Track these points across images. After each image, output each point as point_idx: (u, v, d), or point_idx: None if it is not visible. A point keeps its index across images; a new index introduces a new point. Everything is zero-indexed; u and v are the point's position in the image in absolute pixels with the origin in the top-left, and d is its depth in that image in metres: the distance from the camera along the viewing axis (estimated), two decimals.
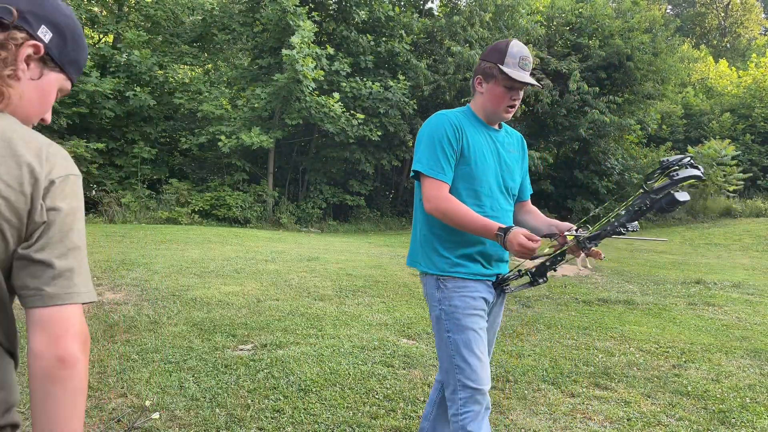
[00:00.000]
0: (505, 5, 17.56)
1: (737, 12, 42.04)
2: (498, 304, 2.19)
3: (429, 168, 1.94)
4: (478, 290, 2.00)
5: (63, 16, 1.07)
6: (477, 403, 1.93)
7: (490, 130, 2.09)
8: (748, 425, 3.01)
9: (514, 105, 2.01)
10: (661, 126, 24.91)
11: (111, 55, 14.82)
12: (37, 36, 1.02)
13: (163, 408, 2.88)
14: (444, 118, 2.01)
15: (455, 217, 1.90)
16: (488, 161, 2.03)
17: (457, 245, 2.00)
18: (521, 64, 1.96)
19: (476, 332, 1.96)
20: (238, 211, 15.04)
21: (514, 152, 2.15)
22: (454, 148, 1.96)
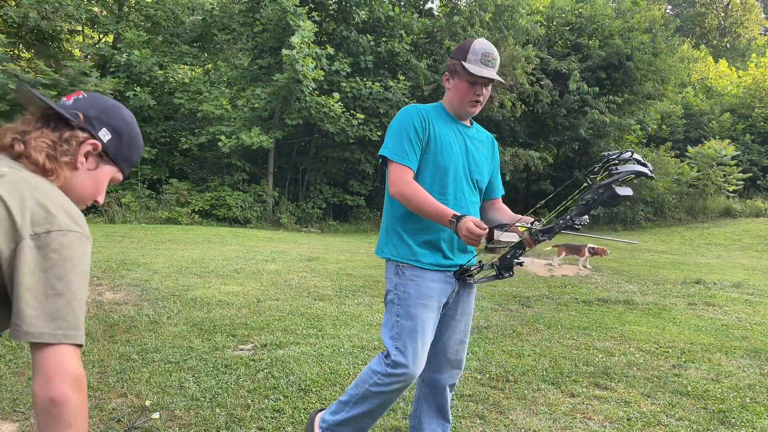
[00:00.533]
0: (505, 5, 17.56)
1: (737, 12, 42.05)
2: (465, 293, 2.23)
3: (394, 153, 2.02)
4: (434, 280, 2.06)
5: (124, 123, 1.34)
6: (397, 382, 2.00)
7: (459, 125, 2.16)
8: (748, 425, 3.02)
9: (478, 100, 2.07)
10: (661, 126, 24.92)
11: (111, 55, 14.83)
12: (97, 136, 1.29)
13: (163, 408, 2.88)
14: (413, 109, 2.09)
15: (415, 201, 1.96)
16: (454, 151, 2.09)
17: (420, 232, 2.07)
18: (483, 61, 2.01)
19: (424, 322, 2.02)
20: (238, 211, 15.04)
21: (483, 148, 2.21)
22: (420, 136, 2.03)
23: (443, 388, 2.24)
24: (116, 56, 14.76)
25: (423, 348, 2.03)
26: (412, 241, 2.08)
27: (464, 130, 2.17)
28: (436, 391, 2.24)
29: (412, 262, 2.06)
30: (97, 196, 1.35)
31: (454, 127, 2.14)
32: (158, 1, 16.91)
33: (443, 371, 2.22)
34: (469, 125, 2.22)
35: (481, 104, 2.10)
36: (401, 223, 2.11)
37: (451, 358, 2.22)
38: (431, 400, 2.26)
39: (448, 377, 2.23)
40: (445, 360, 2.21)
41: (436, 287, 2.07)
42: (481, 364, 3.83)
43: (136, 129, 1.37)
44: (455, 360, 2.23)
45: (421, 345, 2.02)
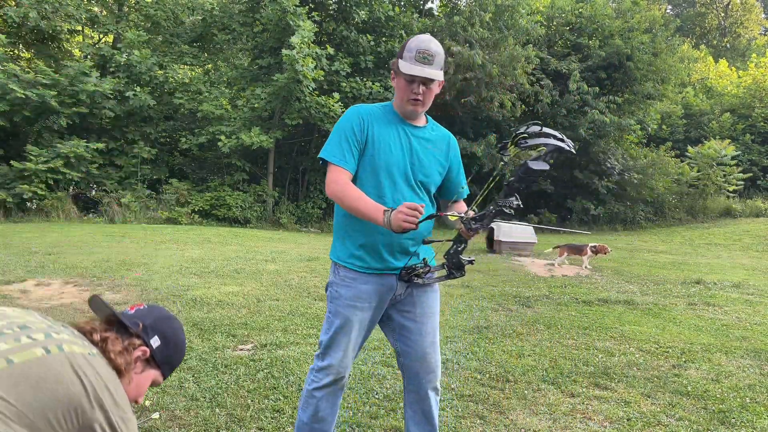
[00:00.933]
0: (505, 5, 17.55)
1: (737, 12, 42.04)
2: (421, 294, 2.19)
3: (331, 155, 2.04)
4: (368, 283, 2.08)
5: (172, 331, 1.54)
6: (327, 376, 2.13)
7: (407, 125, 2.12)
8: (748, 425, 3.01)
9: (417, 98, 2.01)
10: (661, 126, 24.91)
11: (111, 55, 14.83)
12: (149, 343, 1.47)
13: (163, 408, 2.88)
14: (353, 111, 2.10)
15: (348, 201, 1.97)
16: (393, 152, 2.06)
17: (357, 234, 2.08)
18: (418, 58, 1.96)
19: (352, 323, 2.10)
20: (238, 211, 15.04)
21: (432, 149, 2.15)
22: (357, 137, 2.04)
23: (425, 393, 2.24)
24: (116, 56, 14.76)
25: (350, 345, 2.12)
26: (351, 244, 2.10)
27: (411, 129, 2.11)
28: (418, 397, 2.24)
29: (347, 264, 2.10)
30: (138, 398, 1.50)
31: (399, 127, 2.10)
32: (158, 1, 16.90)
33: (420, 377, 2.21)
34: (421, 125, 2.15)
35: (423, 102, 2.03)
36: (342, 224, 2.14)
37: (425, 362, 2.21)
38: (416, 407, 2.27)
39: (427, 381, 2.23)
40: (419, 365, 2.20)
41: (369, 289, 2.09)
42: (481, 364, 3.83)
43: (181, 336, 1.56)
44: (429, 363, 2.22)
45: (347, 342, 2.11)
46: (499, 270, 8.54)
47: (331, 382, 2.14)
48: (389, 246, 2.07)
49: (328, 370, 2.12)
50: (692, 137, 25.45)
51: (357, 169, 2.06)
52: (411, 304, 2.18)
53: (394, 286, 2.13)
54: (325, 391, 2.15)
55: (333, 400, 2.19)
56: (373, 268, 2.09)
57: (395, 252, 2.09)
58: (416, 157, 2.10)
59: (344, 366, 2.14)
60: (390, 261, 2.09)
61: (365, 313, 2.12)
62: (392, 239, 2.05)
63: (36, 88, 12.72)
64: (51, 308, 4.71)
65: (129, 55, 14.72)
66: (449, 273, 2.06)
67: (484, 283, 7.25)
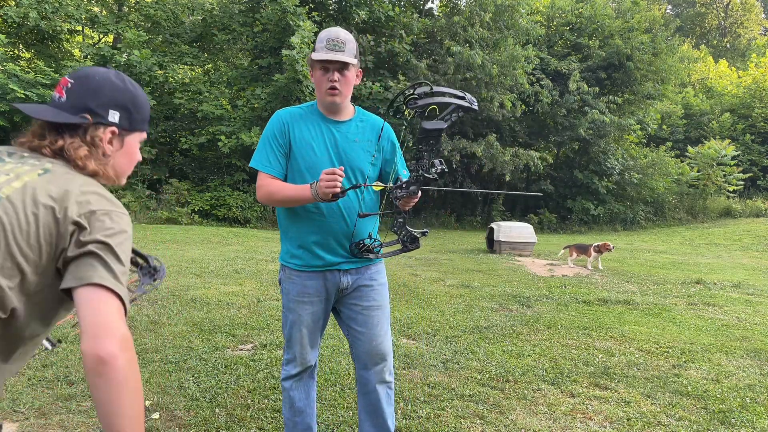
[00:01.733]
0: (505, 5, 17.55)
1: (737, 12, 42.04)
2: (365, 287, 2.22)
3: (258, 162, 2.14)
4: (311, 278, 2.16)
5: (121, 94, 1.32)
6: (294, 367, 2.24)
7: (330, 122, 2.13)
8: (748, 425, 3.01)
9: (334, 86, 2.03)
10: (661, 126, 24.91)
11: (111, 55, 14.82)
12: (109, 122, 1.30)
13: (163, 408, 2.88)
14: (275, 117, 2.16)
15: (276, 196, 2.07)
16: (317, 154, 2.09)
17: (295, 236, 2.16)
18: (329, 46, 2.01)
19: (301, 316, 2.18)
20: (238, 211, 15.04)
21: (360, 141, 2.14)
22: (280, 142, 2.11)
23: (373, 386, 2.26)
24: (116, 56, 14.75)
25: (306, 337, 2.21)
26: (290, 244, 2.19)
27: (334, 126, 2.12)
28: (366, 390, 2.28)
29: (289, 263, 2.20)
30: (134, 163, 1.41)
31: (322, 126, 2.11)
32: (158, 1, 16.90)
33: (368, 368, 2.25)
34: (345, 118, 2.15)
35: (340, 91, 2.04)
36: (281, 227, 2.24)
37: (372, 354, 2.24)
38: (365, 399, 2.30)
39: (375, 373, 2.25)
40: (366, 357, 2.24)
41: (314, 284, 2.17)
42: (481, 364, 3.83)
43: (132, 90, 1.34)
44: (377, 354, 2.24)
45: (302, 335, 2.20)
46: (499, 270, 8.54)
47: (297, 373, 2.25)
48: (324, 245, 2.13)
49: (294, 362, 2.24)
50: (692, 137, 25.46)
51: (287, 172, 2.13)
52: (357, 298, 2.23)
53: (338, 281, 2.18)
54: (293, 381, 2.26)
55: (305, 390, 2.29)
56: (312, 266, 2.15)
57: (331, 249, 2.14)
58: (343, 153, 2.11)
59: (305, 356, 2.23)
60: (327, 258, 2.14)
61: (314, 307, 2.19)
62: (326, 238, 2.11)
63: (36, 88, 12.72)
64: None
65: (129, 55, 14.72)
66: (404, 246, 2.09)
67: (484, 283, 7.25)
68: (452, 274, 7.94)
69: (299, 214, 2.11)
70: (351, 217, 2.10)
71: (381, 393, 2.26)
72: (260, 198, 2.11)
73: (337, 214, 2.08)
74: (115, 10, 17.25)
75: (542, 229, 18.52)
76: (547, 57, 19.54)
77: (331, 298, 2.22)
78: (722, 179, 21.05)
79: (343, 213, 2.09)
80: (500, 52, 17.32)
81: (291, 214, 2.14)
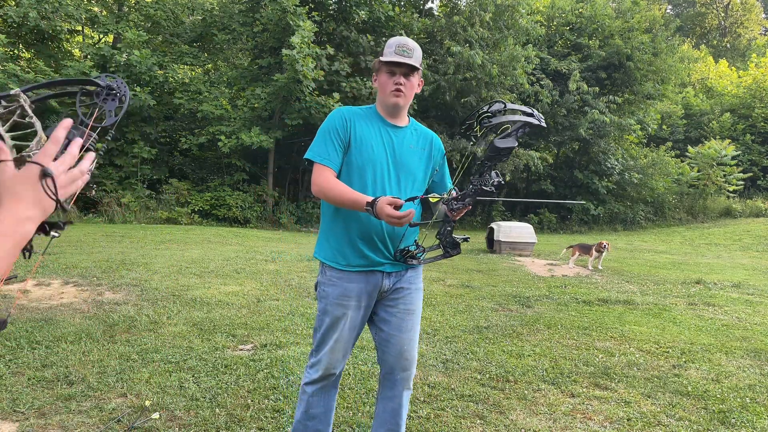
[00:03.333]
0: (505, 5, 17.55)
1: (737, 12, 42.04)
2: (406, 292, 2.22)
3: (316, 154, 2.11)
4: (353, 281, 2.13)
5: None
6: (317, 372, 2.19)
7: (388, 126, 2.18)
8: (748, 425, 3.01)
9: (399, 89, 2.10)
10: (661, 126, 24.93)
11: (111, 55, 14.82)
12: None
13: (163, 408, 2.88)
14: (336, 112, 2.17)
15: (331, 194, 2.04)
16: (376, 152, 2.12)
17: (344, 233, 2.13)
18: (398, 51, 2.08)
19: (339, 320, 2.14)
20: (238, 211, 15.04)
21: (414, 148, 2.20)
22: (341, 137, 2.11)
23: (399, 390, 2.28)
24: (116, 56, 14.75)
25: (340, 343, 2.16)
26: (334, 242, 2.16)
27: (393, 131, 2.17)
28: (391, 393, 2.28)
29: (332, 263, 2.15)
30: None
31: (382, 129, 2.16)
32: (158, 1, 16.90)
33: (395, 372, 2.26)
34: (402, 125, 2.21)
35: (404, 94, 2.11)
36: (326, 224, 2.21)
37: (401, 358, 2.26)
38: (387, 403, 2.30)
39: (401, 378, 2.27)
40: (394, 360, 2.25)
41: (355, 287, 2.13)
42: (481, 364, 3.83)
43: None
44: (405, 359, 2.27)
45: (336, 340, 2.15)
46: (499, 270, 8.54)
47: (321, 378, 2.20)
48: (369, 242, 2.11)
49: (318, 365, 2.19)
50: (692, 137, 25.46)
51: (342, 167, 2.12)
52: (394, 300, 2.22)
53: (380, 283, 2.17)
54: (315, 387, 2.21)
55: (325, 398, 2.24)
56: (355, 266, 2.13)
57: (376, 248, 2.13)
58: (398, 156, 2.15)
59: (334, 362, 2.19)
60: (372, 257, 2.12)
61: (353, 311, 2.15)
62: (372, 236, 2.10)
63: None
64: (51, 308, 4.71)
65: (129, 55, 14.71)
66: (445, 252, 2.09)
67: (484, 283, 7.25)
68: (452, 274, 7.93)
69: (348, 212, 2.11)
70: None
71: (404, 399, 2.30)
72: (314, 191, 2.09)
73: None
74: (115, 10, 17.24)
75: (542, 229, 18.52)
76: (547, 57, 19.54)
77: (371, 304, 2.19)
78: (722, 179, 21.06)
79: None
80: (500, 52, 17.32)
81: (339, 211, 2.13)
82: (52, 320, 4.32)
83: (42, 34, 14.87)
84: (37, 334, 3.93)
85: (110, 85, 1.31)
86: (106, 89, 1.31)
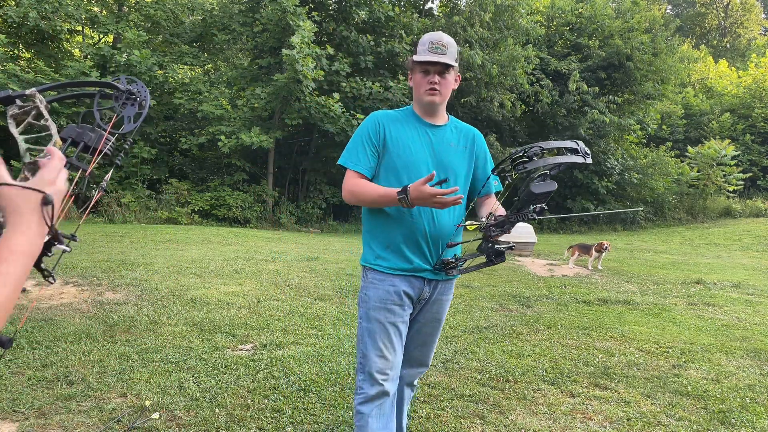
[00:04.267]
0: (505, 5, 17.55)
1: (737, 12, 42.04)
2: (438, 300, 2.20)
3: (348, 160, 2.10)
4: (395, 285, 2.07)
5: None
6: (371, 387, 2.04)
7: (426, 126, 2.14)
8: (748, 425, 3.01)
9: (434, 87, 2.05)
10: (661, 126, 24.92)
11: (111, 55, 14.82)
12: None
13: (163, 408, 2.88)
14: (371, 117, 2.15)
15: (362, 195, 2.02)
16: (413, 152, 2.08)
17: (383, 236, 2.10)
18: (431, 49, 2.03)
19: (383, 324, 2.06)
20: (238, 211, 15.04)
21: (455, 146, 2.17)
22: (374, 141, 2.08)
23: (402, 386, 2.30)
24: (116, 56, 14.75)
25: (387, 349, 2.06)
26: (375, 246, 2.12)
27: (432, 130, 2.13)
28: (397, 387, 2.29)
29: (374, 266, 2.11)
30: None
31: (420, 129, 2.12)
32: (158, 1, 16.90)
33: (403, 372, 2.26)
34: (441, 123, 2.17)
35: (439, 92, 2.06)
36: (367, 228, 2.18)
37: (418, 360, 2.28)
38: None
39: (408, 374, 2.29)
40: (412, 360, 2.27)
41: (397, 290, 2.07)
42: (481, 364, 3.83)
43: None
44: (422, 362, 2.29)
45: (382, 346, 2.06)
46: (499, 270, 8.54)
47: (377, 394, 2.04)
48: (411, 245, 2.07)
49: (371, 379, 2.04)
50: (692, 137, 25.46)
51: (379, 172, 2.09)
52: (426, 311, 2.20)
53: (422, 289, 2.12)
54: (372, 405, 2.05)
55: (384, 419, 2.07)
56: (399, 269, 2.07)
57: (419, 251, 2.07)
58: (439, 156, 2.11)
59: (386, 372, 2.05)
60: (415, 261, 2.08)
61: (394, 316, 2.08)
62: (414, 238, 2.05)
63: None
64: (51, 308, 4.71)
65: (129, 55, 14.71)
66: (489, 260, 2.03)
67: (484, 283, 7.25)
68: None
69: (389, 214, 2.07)
70: (439, 219, 2.07)
71: (406, 394, 2.33)
72: (346, 197, 2.07)
73: (427, 215, 2.06)
74: (115, 10, 17.24)
75: (542, 229, 18.52)
76: (547, 57, 19.54)
77: (414, 308, 2.14)
78: (722, 179, 21.06)
79: (433, 215, 2.06)
80: (500, 52, 17.31)
81: (379, 213, 2.10)
82: (52, 320, 4.32)
83: (42, 34, 14.87)
84: (37, 334, 3.93)
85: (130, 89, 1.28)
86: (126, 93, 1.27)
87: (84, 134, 1.18)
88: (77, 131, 1.20)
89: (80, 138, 1.18)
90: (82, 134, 1.19)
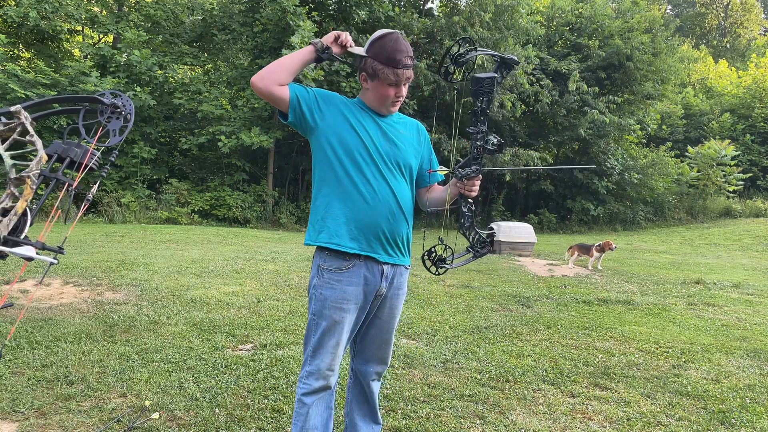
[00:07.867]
0: (505, 5, 17.55)
1: (737, 12, 42.04)
2: (394, 296, 2.22)
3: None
4: (352, 284, 2.08)
5: None
6: (316, 381, 2.09)
7: (376, 116, 2.15)
8: (748, 425, 3.01)
9: (401, 99, 2.13)
10: (661, 126, 24.92)
11: (111, 55, 14.82)
12: None
13: (162, 408, 2.88)
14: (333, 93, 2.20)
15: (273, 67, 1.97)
16: (371, 134, 2.09)
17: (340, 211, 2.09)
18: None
19: (338, 324, 2.07)
20: (238, 211, 15.04)
21: (405, 133, 2.19)
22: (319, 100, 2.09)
23: (367, 382, 2.34)
24: (116, 56, 14.75)
25: (338, 348, 2.09)
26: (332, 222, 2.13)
27: (381, 119, 2.14)
28: (365, 381, 2.34)
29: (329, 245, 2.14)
30: None
31: (367, 117, 2.12)
32: (158, 1, 16.90)
33: (369, 363, 2.31)
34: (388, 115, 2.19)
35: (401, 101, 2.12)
36: (322, 204, 2.22)
37: (379, 355, 2.31)
38: (358, 389, 2.36)
39: (374, 371, 2.33)
40: (373, 356, 2.30)
41: (355, 290, 2.09)
42: (481, 364, 3.83)
43: None
44: (380, 356, 2.32)
45: (334, 345, 2.08)
46: (499, 270, 8.54)
47: (322, 387, 2.11)
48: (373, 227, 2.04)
49: (318, 374, 2.09)
50: (692, 137, 25.46)
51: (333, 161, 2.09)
52: (384, 307, 2.23)
53: (379, 283, 2.11)
54: (315, 397, 2.11)
55: (325, 410, 2.15)
56: (354, 248, 2.05)
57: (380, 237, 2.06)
58: (391, 142, 2.12)
59: (333, 368, 2.12)
60: (375, 246, 2.07)
61: (351, 315, 2.10)
62: (377, 219, 2.03)
63: (36, 88, 12.71)
64: (51, 308, 4.71)
65: (129, 55, 14.71)
66: (475, 253, 2.05)
67: (484, 283, 7.25)
68: (452, 274, 7.93)
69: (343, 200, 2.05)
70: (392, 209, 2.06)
71: (374, 387, 2.37)
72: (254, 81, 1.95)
73: (382, 203, 2.04)
74: (115, 10, 17.24)
75: (542, 229, 18.52)
76: (547, 57, 19.53)
77: (366, 306, 2.13)
78: (722, 179, 21.05)
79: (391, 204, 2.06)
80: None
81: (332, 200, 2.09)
82: (51, 320, 4.32)
83: (42, 34, 14.87)
84: (37, 334, 3.93)
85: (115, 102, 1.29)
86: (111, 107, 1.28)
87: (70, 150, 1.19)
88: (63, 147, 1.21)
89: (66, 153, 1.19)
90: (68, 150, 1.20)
